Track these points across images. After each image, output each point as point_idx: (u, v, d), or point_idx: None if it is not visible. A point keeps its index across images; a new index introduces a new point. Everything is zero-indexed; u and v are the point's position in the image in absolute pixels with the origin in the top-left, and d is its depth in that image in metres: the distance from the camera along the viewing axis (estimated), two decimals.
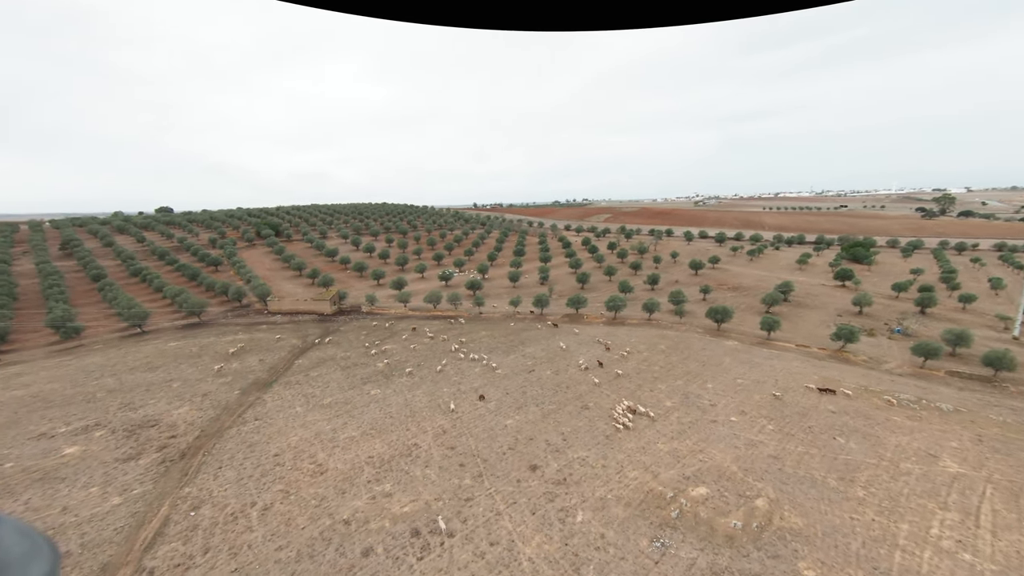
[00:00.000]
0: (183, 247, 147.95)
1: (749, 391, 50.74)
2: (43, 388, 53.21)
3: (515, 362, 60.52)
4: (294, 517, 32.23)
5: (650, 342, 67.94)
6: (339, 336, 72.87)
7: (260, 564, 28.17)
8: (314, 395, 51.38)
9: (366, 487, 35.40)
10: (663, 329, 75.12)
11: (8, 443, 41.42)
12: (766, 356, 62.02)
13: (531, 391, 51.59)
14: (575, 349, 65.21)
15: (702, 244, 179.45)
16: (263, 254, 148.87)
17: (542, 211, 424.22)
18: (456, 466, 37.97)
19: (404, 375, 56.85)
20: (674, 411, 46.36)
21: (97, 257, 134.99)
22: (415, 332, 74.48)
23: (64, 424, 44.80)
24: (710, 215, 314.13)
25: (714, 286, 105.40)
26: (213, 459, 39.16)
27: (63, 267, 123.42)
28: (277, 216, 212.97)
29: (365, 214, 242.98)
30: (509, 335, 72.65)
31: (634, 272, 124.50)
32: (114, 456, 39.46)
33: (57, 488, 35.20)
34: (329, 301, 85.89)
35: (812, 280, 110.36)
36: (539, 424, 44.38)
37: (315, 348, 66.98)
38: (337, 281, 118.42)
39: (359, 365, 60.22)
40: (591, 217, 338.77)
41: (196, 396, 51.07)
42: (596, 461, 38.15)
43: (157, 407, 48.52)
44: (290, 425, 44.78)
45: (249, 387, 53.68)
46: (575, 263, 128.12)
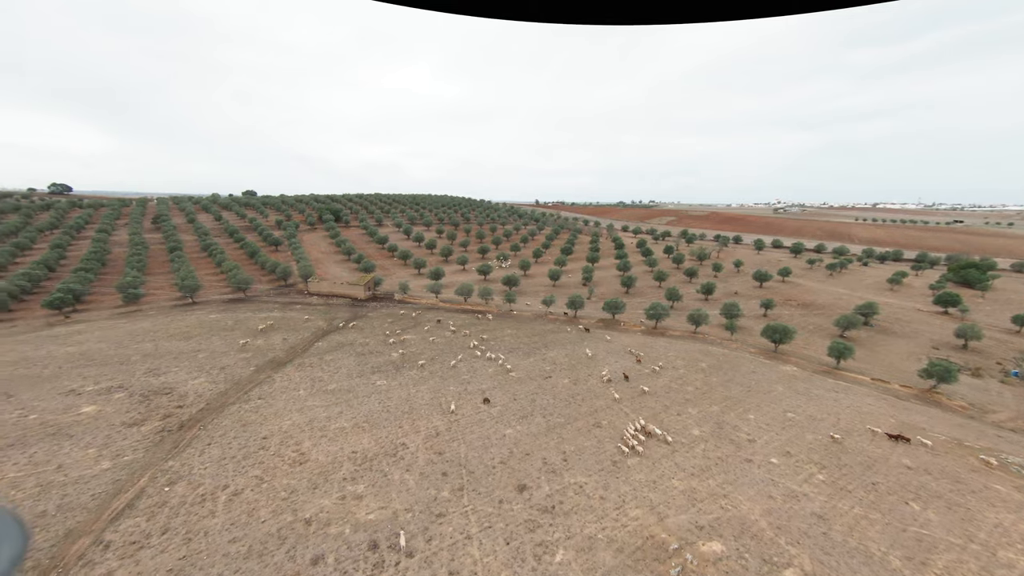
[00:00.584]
0: (252, 227, 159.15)
1: (801, 428, 42.47)
2: (91, 347, 57.59)
3: (533, 366, 56.16)
4: (259, 508, 30.67)
5: (690, 358, 60.33)
6: (364, 322, 72.72)
7: (208, 555, 26.69)
8: (321, 379, 50.66)
9: (339, 485, 33.18)
10: (708, 345, 66.74)
11: (43, 395, 44.50)
12: (830, 388, 52.34)
13: (541, 400, 47.05)
14: (602, 358, 59.44)
15: (774, 254, 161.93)
16: (321, 238, 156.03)
17: (603, 211, 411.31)
18: (438, 474, 34.68)
19: (415, 368, 54.71)
20: (701, 442, 39.66)
21: (180, 232, 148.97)
22: (439, 324, 72.47)
23: (93, 383, 47.57)
24: (789, 224, 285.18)
25: (779, 301, 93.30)
26: (206, 435, 39.11)
27: (151, 239, 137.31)
28: (340, 203, 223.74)
29: (422, 205, 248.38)
30: (534, 336, 68.25)
31: (688, 280, 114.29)
32: (122, 420, 40.79)
33: (62, 445, 36.70)
34: (363, 286, 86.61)
35: (905, 303, 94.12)
36: (541, 438, 39.88)
37: (338, 332, 67.11)
38: (381, 268, 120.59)
39: (374, 353, 59.07)
40: (653, 219, 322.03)
41: (215, 369, 52.40)
42: (595, 490, 33.04)
43: (177, 376, 50.26)
44: (288, 408, 44.06)
45: (265, 365, 54.29)
46: (623, 265, 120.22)
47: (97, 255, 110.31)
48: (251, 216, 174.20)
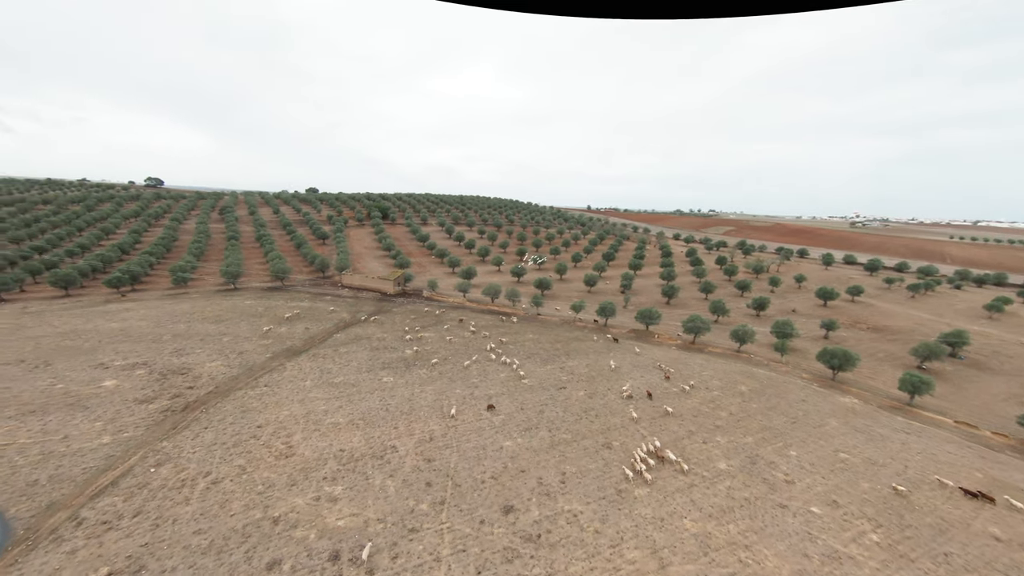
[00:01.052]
0: (304, 221, 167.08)
1: (855, 473, 35.60)
2: (132, 324, 61.12)
3: (548, 374, 52.37)
4: (233, 500, 29.58)
5: (728, 379, 53.78)
6: (387, 316, 72.25)
7: (169, 546, 25.72)
8: (330, 372, 50.01)
9: (317, 484, 31.49)
10: (752, 366, 59.46)
11: (75, 367, 47.13)
12: (898, 428, 44.14)
13: (550, 412, 43.25)
14: (626, 372, 54.45)
15: (844, 271, 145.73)
16: (367, 234, 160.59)
17: (657, 218, 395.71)
18: (422, 484, 32.08)
19: (426, 367, 52.79)
20: (727, 477, 34.16)
21: (240, 223, 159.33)
22: (460, 324, 70.44)
23: (123, 358, 49.89)
24: (868, 239, 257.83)
25: (844, 323, 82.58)
26: (206, 418, 39.18)
27: (214, 229, 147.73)
28: (390, 201, 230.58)
29: (468, 206, 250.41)
30: (557, 343, 64.28)
31: (739, 293, 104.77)
32: (135, 396, 41.99)
33: (75, 416, 38.08)
34: (393, 281, 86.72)
35: (1007, 335, 79.86)
36: (541, 454, 36.20)
37: (359, 325, 66.95)
38: (418, 265, 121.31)
39: (388, 349, 57.95)
40: (709, 228, 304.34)
41: (233, 353, 53.44)
42: (590, 521, 28.95)
43: (198, 357, 51.68)
44: (290, 398, 43.50)
45: (281, 353, 54.70)
46: (668, 274, 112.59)
47: (164, 241, 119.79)
48: (305, 211, 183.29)
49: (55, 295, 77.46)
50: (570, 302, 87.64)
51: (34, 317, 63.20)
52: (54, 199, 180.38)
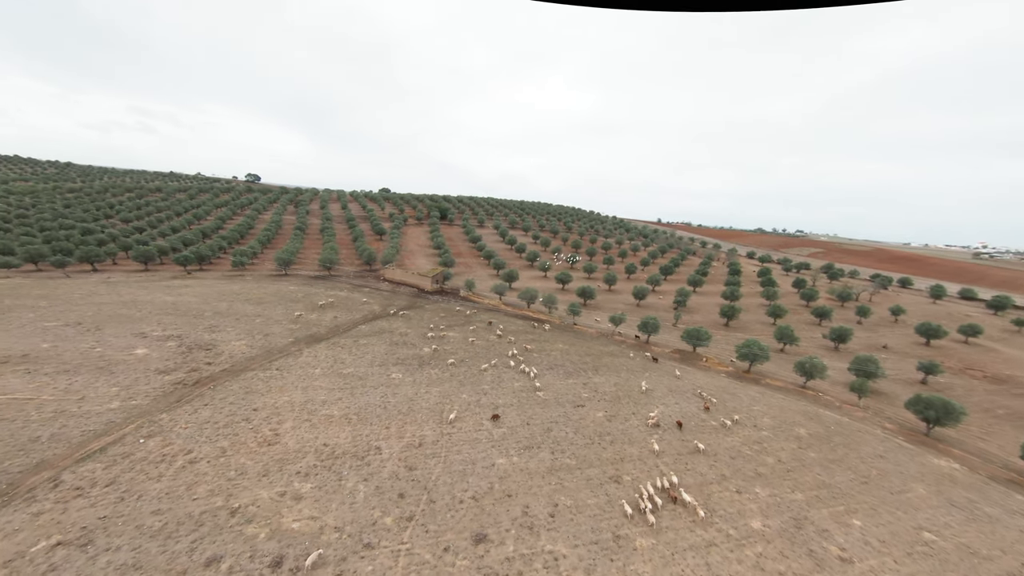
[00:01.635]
0: (367, 217, 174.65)
1: (943, 564, 27.03)
2: (183, 299, 65.30)
3: (568, 389, 47.42)
4: (201, 483, 28.55)
5: (784, 418, 45.28)
6: (416, 312, 71.11)
7: (124, 523, 24.91)
8: (343, 362, 49.12)
9: (288, 478, 29.65)
10: (819, 406, 49.93)
11: (120, 333, 50.47)
12: (1017, 510, 33.71)
13: (559, 431, 38.48)
14: (659, 396, 47.90)
15: (958, 306, 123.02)
16: (423, 232, 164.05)
17: (732, 235, 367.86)
18: (395, 494, 29.05)
19: (439, 367, 50.23)
20: (759, 540, 27.39)
21: (311, 216, 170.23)
22: (488, 326, 67.36)
23: (161, 329, 52.78)
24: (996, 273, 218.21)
25: (951, 368, 68.10)
26: (210, 395, 39.43)
27: (287, 220, 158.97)
28: (451, 203, 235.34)
29: (528, 211, 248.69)
30: (587, 356, 58.85)
31: (816, 321, 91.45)
32: (156, 367, 43.63)
33: (99, 379, 40.04)
34: (431, 278, 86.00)
35: None
36: (536, 479, 31.71)
37: (386, 318, 66.33)
38: (464, 265, 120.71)
39: (407, 344, 56.28)
40: (791, 249, 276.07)
41: (260, 334, 54.63)
42: (572, 570, 24.09)
43: (227, 335, 53.38)
44: (295, 384, 42.85)
45: (304, 338, 55.06)
46: (731, 293, 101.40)
47: (240, 228, 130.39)
48: (371, 208, 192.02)
49: (136, 269, 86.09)
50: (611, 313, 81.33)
51: (108, 286, 70.03)
52: (165, 188, 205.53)
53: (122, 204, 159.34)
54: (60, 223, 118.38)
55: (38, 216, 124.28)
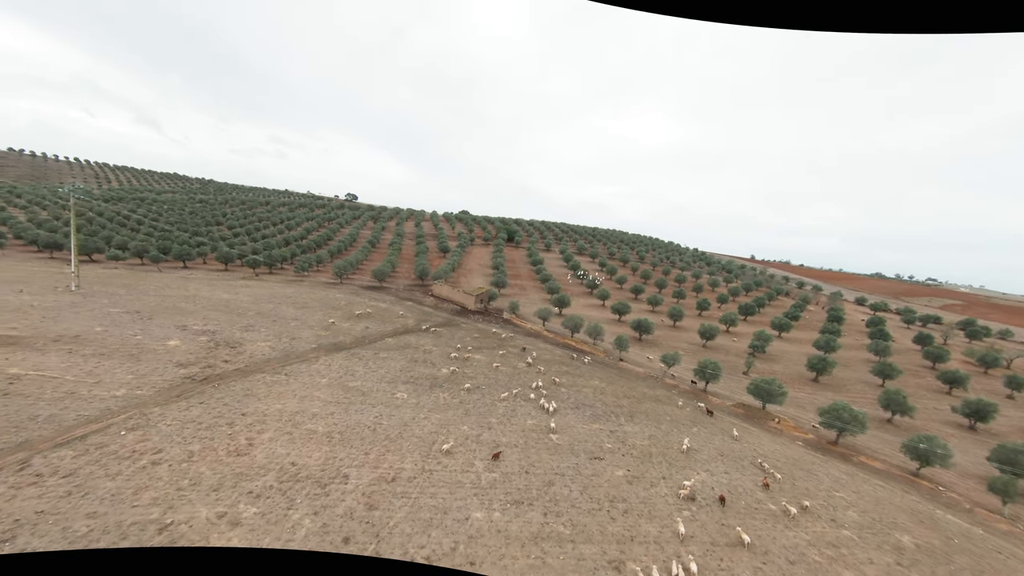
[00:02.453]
0: (437, 235, 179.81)
1: None
2: (237, 298, 68.96)
3: (590, 436, 40.15)
4: (150, 488, 26.67)
5: (879, 515, 33.63)
6: (449, 330, 67.94)
7: (56, 522, 23.41)
8: (353, 374, 46.87)
9: (236, 498, 26.75)
10: (938, 506, 36.85)
11: (165, 324, 53.46)
12: None
13: (561, 487, 31.70)
14: (703, 459, 38.66)
15: None
16: (486, 252, 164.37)
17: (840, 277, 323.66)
18: (339, 539, 24.70)
19: (452, 391, 45.88)
20: None
21: (386, 232, 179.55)
22: (522, 352, 61.92)
23: (202, 324, 55.15)
24: None
25: None
26: (210, 392, 38.87)
27: (363, 235, 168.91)
28: (520, 225, 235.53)
29: (598, 238, 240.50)
30: (624, 398, 50.71)
31: (944, 389, 72.60)
32: (178, 359, 44.69)
33: (123, 365, 41.60)
34: (475, 297, 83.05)
35: None
36: (513, 547, 25.45)
37: (416, 333, 63.91)
38: (520, 287, 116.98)
39: (427, 363, 52.87)
40: (917, 298, 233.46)
41: (287, 337, 54.84)
42: None
43: (256, 335, 54.24)
44: (295, 392, 41.10)
45: (327, 346, 54.22)
46: (826, 343, 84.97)
47: (319, 239, 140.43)
48: (441, 227, 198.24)
49: (218, 268, 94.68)
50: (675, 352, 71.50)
51: (183, 281, 76.86)
52: (272, 202, 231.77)
53: (233, 214, 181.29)
54: (178, 226, 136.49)
55: (164, 220, 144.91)
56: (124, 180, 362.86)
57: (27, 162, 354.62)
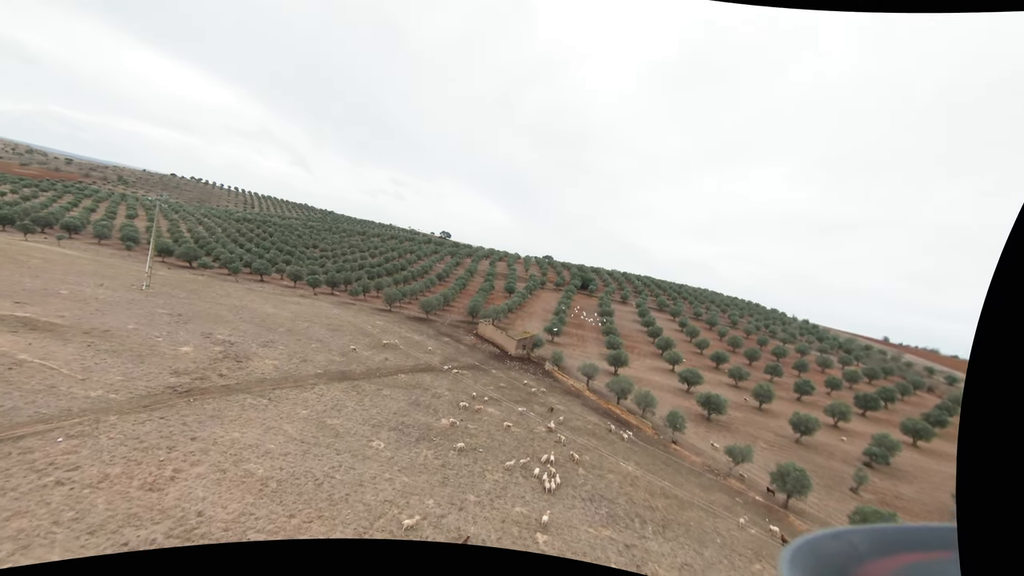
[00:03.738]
0: (510, 276, 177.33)
1: None
2: (280, 313, 69.78)
3: (592, 546, 29.38)
4: (30, 514, 22.88)
5: None
6: (476, 375, 60.74)
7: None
8: (340, 409, 41.75)
9: (103, 552, 21.82)
10: None
11: (193, 329, 54.17)
12: None
13: None
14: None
15: None
16: (555, 298, 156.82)
17: None
18: None
19: (441, 448, 38.31)
20: None
21: (458, 268, 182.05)
22: (548, 413, 52.29)
23: (227, 334, 55.09)
24: None
25: None
26: (179, 407, 36.07)
27: (436, 268, 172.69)
28: (598, 274, 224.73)
29: (685, 296, 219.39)
30: (663, 498, 38.34)
31: None
32: (178, 367, 43.52)
33: (124, 365, 41.18)
34: (517, 342, 75.43)
35: None
36: None
37: (435, 372, 57.81)
38: (579, 338, 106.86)
39: (428, 409, 46.09)
40: None
41: (298, 359, 52.25)
42: None
43: (272, 352, 52.46)
44: (265, 422, 36.81)
45: (332, 373, 50.44)
46: None
47: (391, 268, 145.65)
48: (514, 267, 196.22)
49: (287, 284, 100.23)
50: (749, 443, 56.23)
51: (244, 292, 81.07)
52: (367, 232, 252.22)
53: (330, 239, 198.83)
54: (277, 245, 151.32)
55: (271, 239, 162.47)
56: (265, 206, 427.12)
57: (200, 188, 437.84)
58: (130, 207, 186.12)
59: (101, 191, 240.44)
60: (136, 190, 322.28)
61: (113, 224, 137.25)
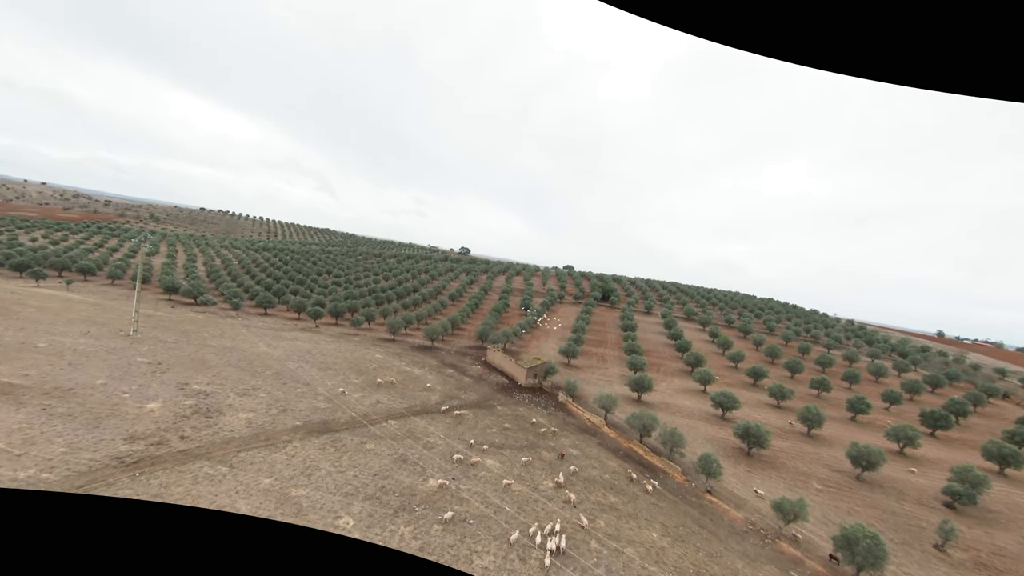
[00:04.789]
0: (526, 291, 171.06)
1: None
2: (272, 352, 65.66)
3: None
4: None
5: None
6: (476, 414, 54.32)
7: None
8: (312, 472, 36.16)
9: None
10: None
11: (167, 381, 50.13)
12: None
13: None
14: None
15: None
16: (574, 312, 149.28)
17: None
18: None
19: (422, 523, 32.05)
20: None
21: (473, 286, 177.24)
22: (559, 460, 45.32)
23: (205, 384, 50.77)
24: None
25: None
26: (118, 487, 31.21)
27: (450, 287, 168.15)
28: (620, 283, 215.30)
29: (715, 301, 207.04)
30: (695, 567, 30.73)
31: None
32: (135, 430, 39.01)
33: (75, 432, 36.87)
34: (527, 371, 68.71)
35: None
36: None
37: (431, 415, 51.75)
38: (599, 357, 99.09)
39: (415, 466, 39.99)
40: None
41: (276, 409, 47.30)
42: None
43: (250, 402, 47.72)
44: (216, 498, 31.50)
45: (312, 425, 45.13)
46: None
47: (400, 291, 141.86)
48: (531, 282, 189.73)
49: (291, 317, 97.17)
50: (796, 487, 47.85)
51: (239, 329, 77.73)
52: (383, 254, 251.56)
53: (345, 263, 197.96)
54: (289, 275, 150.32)
55: (285, 268, 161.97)
56: (287, 234, 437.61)
57: (227, 220, 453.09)
58: (152, 244, 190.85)
59: (132, 229, 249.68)
60: (166, 226, 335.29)
61: (130, 263, 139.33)
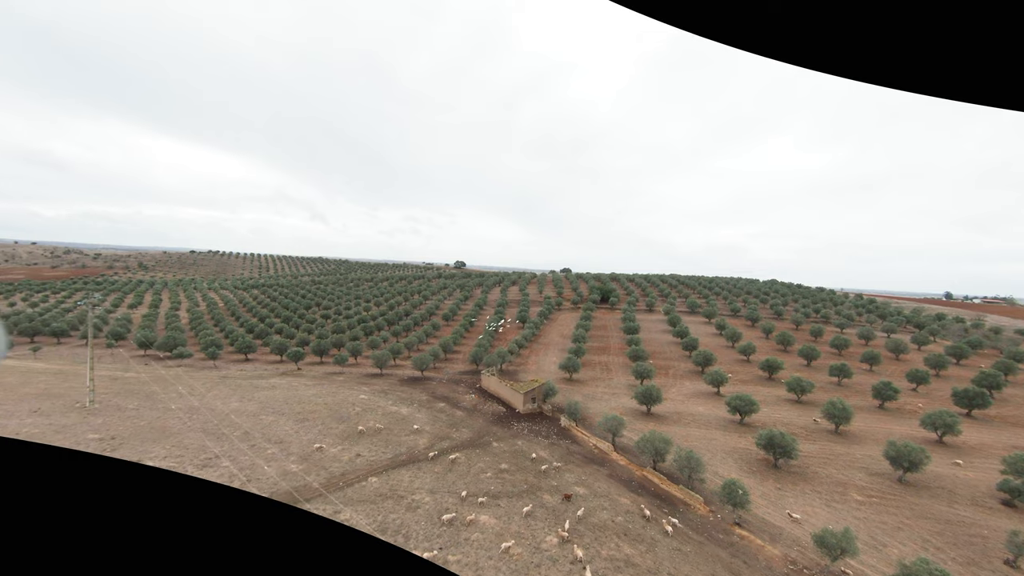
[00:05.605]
0: (522, 302, 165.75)
1: None
2: (244, 407, 60.31)
3: None
4: None
5: None
6: (470, 455, 48.73)
7: None
8: None
9: None
10: None
11: (127, 456, 44.90)
12: None
13: None
14: None
15: None
16: (573, 319, 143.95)
17: None
18: None
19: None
20: None
21: (468, 302, 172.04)
22: (564, 503, 39.76)
23: (162, 455, 45.46)
24: None
25: None
26: None
27: (445, 305, 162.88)
28: (619, 282, 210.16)
29: (719, 289, 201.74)
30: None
31: None
32: None
33: None
34: (524, 395, 63.24)
35: None
36: None
37: (418, 464, 46.21)
38: (602, 366, 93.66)
39: (397, 535, 34.46)
40: None
41: (240, 482, 41.85)
42: None
43: (211, 473, 42.38)
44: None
45: (281, 494, 39.71)
46: None
47: (391, 316, 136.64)
48: (527, 291, 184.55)
49: (273, 360, 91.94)
50: (834, 503, 42.27)
51: (212, 384, 72.40)
52: (376, 277, 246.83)
53: (335, 292, 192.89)
54: (276, 312, 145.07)
55: (273, 305, 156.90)
56: (280, 267, 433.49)
57: (217, 260, 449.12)
58: (137, 294, 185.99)
59: (118, 281, 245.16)
60: (155, 274, 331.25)
61: (110, 317, 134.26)
